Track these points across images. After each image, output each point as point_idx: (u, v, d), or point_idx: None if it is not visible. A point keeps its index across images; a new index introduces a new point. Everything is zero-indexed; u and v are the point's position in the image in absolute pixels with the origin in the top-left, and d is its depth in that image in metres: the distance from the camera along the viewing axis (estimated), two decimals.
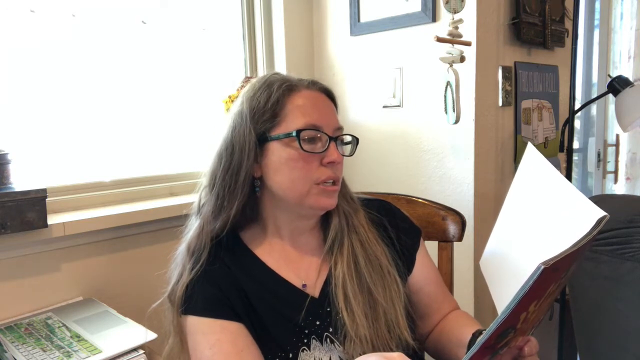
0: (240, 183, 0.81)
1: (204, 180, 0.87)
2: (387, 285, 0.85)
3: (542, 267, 0.48)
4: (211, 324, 0.78)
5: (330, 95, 0.87)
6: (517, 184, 0.88)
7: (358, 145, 0.89)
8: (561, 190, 0.75)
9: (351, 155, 0.89)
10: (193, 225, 0.86)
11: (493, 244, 0.92)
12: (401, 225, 0.95)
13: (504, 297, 0.55)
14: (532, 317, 0.59)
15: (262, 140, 0.81)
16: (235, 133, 0.82)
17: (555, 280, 0.56)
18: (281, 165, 0.80)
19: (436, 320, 0.96)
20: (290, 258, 0.87)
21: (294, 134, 0.79)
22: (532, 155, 0.85)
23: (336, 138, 0.83)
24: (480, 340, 0.53)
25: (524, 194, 0.86)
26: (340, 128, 0.85)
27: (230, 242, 0.86)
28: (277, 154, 0.81)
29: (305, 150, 0.79)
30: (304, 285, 0.86)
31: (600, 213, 0.63)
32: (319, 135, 0.81)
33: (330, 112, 0.85)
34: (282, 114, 0.81)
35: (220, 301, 0.79)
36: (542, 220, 0.79)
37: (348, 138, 0.88)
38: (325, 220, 0.90)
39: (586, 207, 0.67)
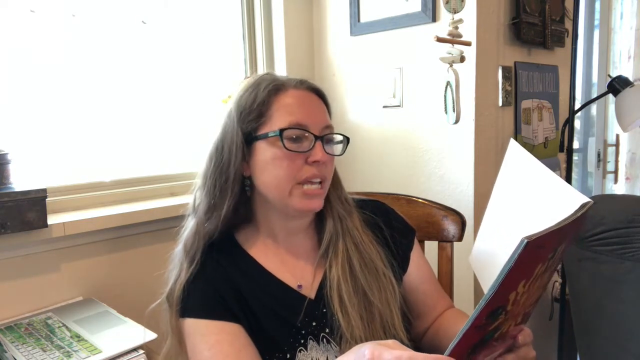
0: (230, 182, 0.82)
1: (198, 181, 0.87)
2: (382, 287, 0.85)
3: (526, 240, 0.49)
4: (209, 325, 0.78)
5: (319, 94, 0.86)
6: (502, 178, 0.89)
7: (355, 144, 0.89)
8: (545, 180, 0.76)
9: (341, 155, 0.87)
10: (189, 225, 0.86)
11: (481, 239, 0.92)
12: (395, 225, 0.95)
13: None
14: (522, 301, 0.59)
15: (249, 139, 0.82)
16: (224, 133, 0.83)
17: (542, 260, 0.56)
18: (267, 165, 0.81)
19: (432, 319, 0.96)
20: (285, 259, 0.88)
21: (278, 132, 0.79)
22: (515, 149, 0.85)
23: (323, 137, 0.82)
24: (471, 317, 0.53)
25: (509, 187, 0.87)
26: (329, 127, 0.84)
27: (226, 243, 0.86)
28: (263, 153, 0.81)
29: (288, 149, 0.79)
30: (299, 286, 0.86)
31: (583, 199, 0.64)
32: (305, 134, 0.80)
33: (318, 111, 0.84)
34: (268, 113, 0.81)
35: (218, 302, 0.80)
36: (528, 211, 0.79)
37: (338, 137, 0.86)
38: (319, 221, 0.90)
39: (570, 194, 0.69)
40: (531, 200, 0.79)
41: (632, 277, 1.21)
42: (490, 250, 0.87)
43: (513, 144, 0.86)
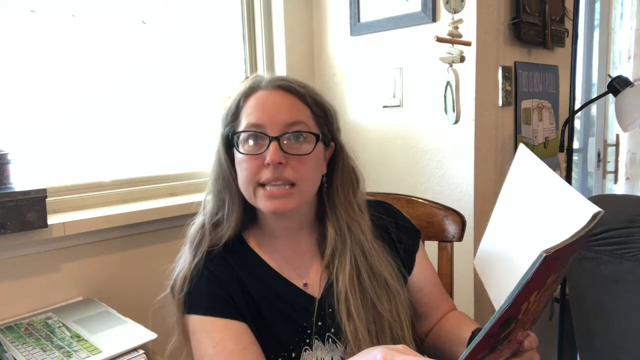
0: (226, 185, 0.84)
1: (209, 184, 0.89)
2: (392, 298, 0.85)
3: (544, 254, 0.49)
4: (215, 322, 0.79)
5: (290, 89, 0.82)
6: (510, 183, 0.89)
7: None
8: (555, 188, 0.76)
9: (309, 154, 0.80)
10: (196, 221, 0.88)
11: (487, 243, 0.92)
12: (402, 225, 0.95)
13: (501, 293, 0.55)
14: (532, 309, 0.60)
15: (228, 145, 0.85)
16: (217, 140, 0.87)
17: (554, 270, 0.57)
18: (238, 168, 0.82)
19: (434, 321, 0.96)
20: (290, 258, 0.88)
21: (230, 136, 0.81)
22: (524, 154, 0.85)
23: (279, 137, 0.77)
24: (486, 327, 0.54)
25: (517, 192, 0.86)
26: (295, 123, 0.79)
27: (234, 242, 0.86)
28: (236, 157, 0.83)
29: (241, 153, 0.80)
30: (305, 285, 0.86)
31: (594, 208, 0.64)
32: (261, 135, 0.79)
33: (279, 109, 0.79)
34: (239, 118, 0.83)
35: (224, 300, 0.80)
36: (536, 217, 0.79)
37: (309, 135, 0.80)
38: (322, 219, 0.90)
39: (581, 203, 0.68)
40: (539, 206, 0.78)
41: (632, 277, 1.21)
42: (496, 255, 0.87)
43: (522, 149, 0.86)
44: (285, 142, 0.78)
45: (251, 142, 0.80)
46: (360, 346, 0.79)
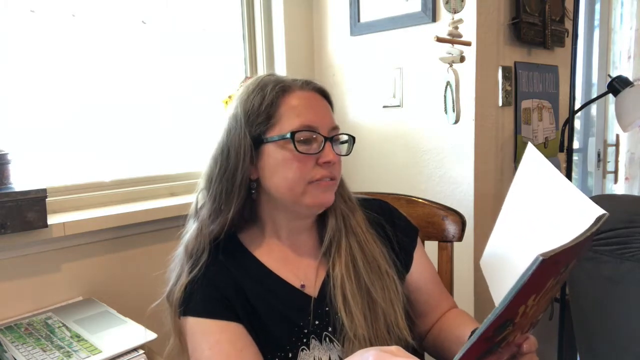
0: (237, 186, 0.81)
1: (201, 183, 0.87)
2: (385, 286, 0.85)
3: (541, 258, 0.49)
4: (211, 324, 0.79)
5: (324, 94, 0.87)
6: (518, 183, 0.88)
7: (355, 144, 0.89)
8: (561, 189, 0.76)
9: (348, 155, 0.88)
10: (191, 227, 0.86)
11: (493, 243, 0.92)
12: (398, 224, 0.95)
13: (503, 295, 0.55)
14: (531, 313, 0.59)
15: (258, 142, 0.81)
16: (230, 136, 0.82)
17: (554, 275, 0.56)
18: (277, 167, 0.81)
19: (434, 319, 0.96)
20: (289, 258, 0.88)
21: (289, 135, 0.79)
22: (532, 154, 0.85)
23: (332, 138, 0.83)
24: (479, 330, 0.53)
25: (525, 193, 0.86)
26: (335, 127, 0.84)
27: (229, 243, 0.86)
28: (273, 155, 0.81)
29: (300, 152, 0.79)
30: (303, 286, 0.86)
31: (599, 211, 0.64)
32: (314, 136, 0.81)
33: (325, 112, 0.84)
34: (276, 115, 0.81)
35: (220, 302, 0.80)
36: (542, 219, 0.79)
37: (344, 137, 0.87)
38: (322, 220, 0.90)
39: (586, 205, 0.68)
40: (546, 208, 0.79)
41: (632, 277, 1.21)
42: (502, 256, 0.87)
43: (530, 149, 0.85)
44: (333, 143, 0.83)
45: (306, 141, 0.80)
46: (357, 332, 0.80)
